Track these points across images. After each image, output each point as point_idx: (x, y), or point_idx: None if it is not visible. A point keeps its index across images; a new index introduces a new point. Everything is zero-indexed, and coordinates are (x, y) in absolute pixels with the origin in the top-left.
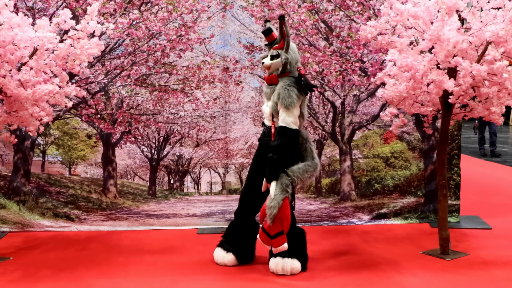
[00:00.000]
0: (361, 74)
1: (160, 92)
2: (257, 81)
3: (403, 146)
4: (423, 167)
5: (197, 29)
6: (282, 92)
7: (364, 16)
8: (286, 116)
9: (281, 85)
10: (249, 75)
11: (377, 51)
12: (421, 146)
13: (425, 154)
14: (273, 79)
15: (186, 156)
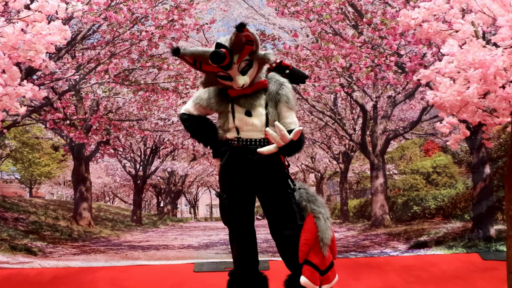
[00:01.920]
0: (397, 70)
1: (147, 92)
2: None
3: (448, 159)
4: (471, 184)
5: (194, 13)
6: (286, 92)
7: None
8: (294, 117)
9: (277, 84)
10: None
11: (417, 43)
12: (469, 159)
13: (474, 169)
14: (261, 85)
15: (180, 173)
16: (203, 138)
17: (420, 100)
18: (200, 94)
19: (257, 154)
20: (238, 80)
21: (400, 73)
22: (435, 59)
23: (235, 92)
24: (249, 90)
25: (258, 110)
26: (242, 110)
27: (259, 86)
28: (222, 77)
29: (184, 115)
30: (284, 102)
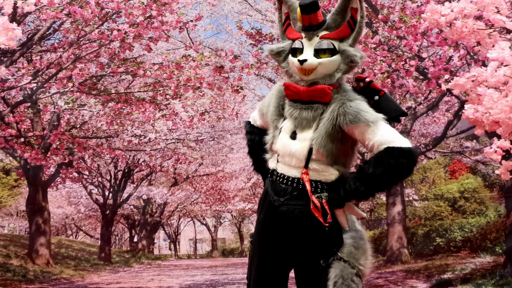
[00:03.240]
0: (419, 76)
1: (119, 103)
2: (267, 86)
3: (477, 182)
4: (504, 211)
5: (176, 8)
6: (353, 108)
7: None
8: (385, 131)
9: (342, 101)
10: (254, 77)
11: (441, 44)
12: (502, 182)
13: (507, 193)
14: (321, 92)
15: (158, 201)
16: (254, 160)
17: (445, 112)
18: (267, 97)
19: (286, 200)
20: (304, 54)
21: (421, 80)
22: (462, 63)
23: (289, 89)
24: (304, 93)
25: (304, 132)
26: (289, 128)
27: (319, 93)
28: (293, 50)
29: (247, 124)
30: (353, 122)
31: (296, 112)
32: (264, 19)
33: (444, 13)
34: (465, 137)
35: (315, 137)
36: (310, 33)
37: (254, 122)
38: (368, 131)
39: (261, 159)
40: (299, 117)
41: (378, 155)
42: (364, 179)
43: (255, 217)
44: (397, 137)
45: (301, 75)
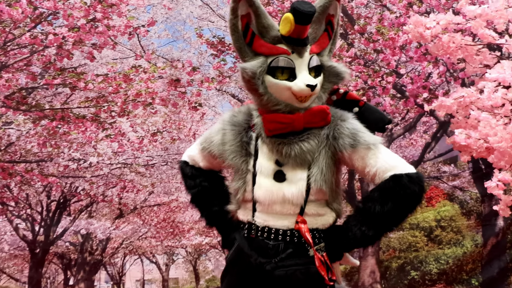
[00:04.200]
0: (396, 94)
1: (54, 121)
2: (229, 103)
3: (454, 210)
4: (481, 241)
5: (125, 10)
6: (348, 128)
7: (403, 1)
8: (387, 155)
9: (338, 124)
10: (216, 92)
11: (420, 59)
12: (480, 209)
13: (484, 221)
14: (320, 114)
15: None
16: (207, 212)
17: (422, 134)
18: (211, 132)
19: (281, 261)
20: (303, 75)
21: (399, 98)
22: (442, 80)
23: (275, 122)
24: (300, 122)
25: (297, 170)
26: (271, 169)
27: (318, 116)
28: (272, 70)
29: (184, 164)
30: (353, 146)
31: (285, 148)
32: (228, 26)
33: (429, 25)
34: (443, 161)
35: (315, 173)
36: (300, 47)
37: (194, 163)
38: (368, 156)
39: (216, 209)
40: (293, 153)
41: (384, 186)
42: (371, 220)
43: (213, 252)
44: (400, 161)
45: (296, 103)
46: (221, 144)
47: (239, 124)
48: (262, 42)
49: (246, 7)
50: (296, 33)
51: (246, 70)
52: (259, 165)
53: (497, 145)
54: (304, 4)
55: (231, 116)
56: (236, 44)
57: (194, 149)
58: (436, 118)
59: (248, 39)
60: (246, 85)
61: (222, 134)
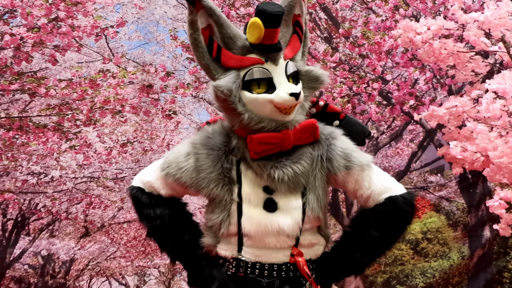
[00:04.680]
0: (382, 101)
1: (10, 131)
2: (206, 110)
3: (441, 221)
4: (467, 253)
5: (92, 9)
6: (340, 147)
7: (389, 4)
8: (380, 176)
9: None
10: (192, 99)
11: (407, 65)
12: (466, 220)
13: (471, 232)
14: (310, 129)
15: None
16: (172, 244)
17: (409, 143)
18: (178, 156)
19: None
20: (287, 87)
21: (384, 105)
22: (428, 87)
23: (263, 143)
24: (290, 140)
25: (291, 197)
26: (260, 198)
27: (308, 131)
28: (247, 84)
29: (139, 192)
30: (348, 167)
31: (277, 172)
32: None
33: (419, 31)
34: (429, 171)
35: (311, 200)
36: (274, 54)
37: (152, 190)
38: (362, 178)
39: (183, 241)
40: (286, 177)
41: (381, 210)
42: (367, 246)
43: None
44: (393, 182)
45: (280, 116)
46: (195, 172)
47: (216, 147)
48: (230, 55)
49: (206, 18)
50: (267, 38)
51: (221, 88)
52: (245, 193)
53: (498, 161)
54: (270, 5)
55: (205, 138)
56: (202, 61)
57: (152, 174)
58: (423, 126)
59: (214, 53)
60: (222, 105)
61: (195, 159)
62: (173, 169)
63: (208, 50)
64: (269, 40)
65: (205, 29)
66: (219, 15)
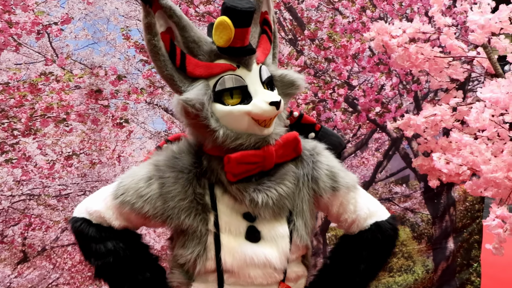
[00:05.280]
0: (347, 108)
1: None
2: (161, 118)
3: (406, 234)
4: (432, 266)
5: (33, 3)
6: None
7: (356, 5)
8: (366, 198)
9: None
10: (146, 106)
11: (373, 70)
12: (431, 232)
13: (435, 245)
14: (292, 143)
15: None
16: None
17: (374, 152)
18: (136, 181)
19: None
20: (265, 96)
21: (350, 112)
22: (395, 93)
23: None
24: (272, 156)
25: (275, 223)
26: (241, 227)
27: (291, 145)
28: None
29: (85, 224)
30: (335, 189)
31: (261, 195)
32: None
33: (394, 34)
34: (394, 181)
35: (299, 227)
36: (247, 58)
37: (102, 221)
38: (348, 200)
39: (143, 278)
40: (271, 201)
41: (367, 238)
42: (354, 281)
43: None
44: (378, 205)
45: (258, 130)
46: (161, 200)
47: (186, 169)
48: (196, 62)
49: (165, 20)
50: (238, 40)
51: (192, 102)
52: (224, 223)
53: (492, 175)
54: (238, 0)
55: (170, 158)
56: (165, 71)
57: (101, 202)
58: (388, 135)
59: (178, 61)
60: (192, 122)
61: (159, 184)
62: (130, 197)
63: (170, 58)
64: (240, 42)
65: (165, 33)
66: (180, 16)
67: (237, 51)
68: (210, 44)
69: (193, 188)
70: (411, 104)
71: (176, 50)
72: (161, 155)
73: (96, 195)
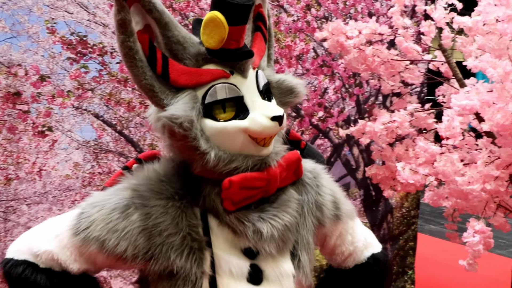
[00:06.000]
0: (291, 113)
1: None
2: (91, 126)
3: None
4: None
5: None
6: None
7: (301, 2)
8: (362, 228)
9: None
10: (73, 111)
11: (317, 72)
12: None
13: None
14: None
15: None
16: None
17: None
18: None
19: None
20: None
21: (294, 117)
22: (337, 97)
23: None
24: (276, 179)
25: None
26: (243, 267)
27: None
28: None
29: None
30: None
31: (266, 226)
32: (93, 20)
33: (350, 34)
34: None
35: (304, 261)
36: (243, 63)
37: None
38: (346, 230)
39: None
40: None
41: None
42: None
43: None
44: (371, 233)
45: (255, 150)
46: (143, 235)
47: (177, 195)
48: (182, 68)
49: (143, 15)
50: (232, 40)
51: (179, 121)
52: (222, 262)
53: (470, 188)
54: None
55: (155, 181)
56: (143, 81)
57: (53, 240)
58: (330, 141)
59: (159, 67)
60: (179, 144)
61: (141, 215)
62: (99, 232)
63: (149, 63)
64: (235, 42)
65: (142, 32)
66: (161, 11)
67: (231, 54)
68: (198, 45)
69: (187, 219)
70: (353, 109)
71: (157, 53)
72: (139, 177)
73: (43, 229)
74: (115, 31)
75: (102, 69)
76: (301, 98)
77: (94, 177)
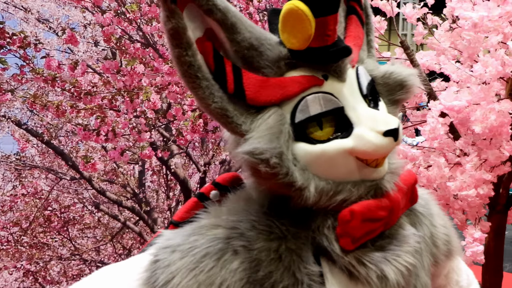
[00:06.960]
0: None
1: None
2: (11, 136)
3: None
4: None
5: None
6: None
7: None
8: (464, 265)
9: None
10: None
11: None
12: None
13: None
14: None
15: None
16: None
17: None
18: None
19: None
20: (377, 121)
21: None
22: None
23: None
24: (397, 211)
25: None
26: None
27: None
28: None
29: None
30: (448, 255)
31: (392, 269)
32: (11, 2)
33: None
34: None
35: None
36: (339, 64)
37: None
38: (453, 268)
39: None
40: (401, 279)
41: None
42: None
43: None
44: (469, 269)
45: (364, 174)
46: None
47: (289, 233)
48: (259, 80)
49: (201, 19)
50: (321, 35)
51: (263, 156)
52: None
53: (465, 193)
54: None
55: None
56: (212, 105)
57: None
58: None
59: (231, 84)
60: (267, 183)
61: (244, 263)
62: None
63: (217, 79)
64: (325, 38)
65: (203, 40)
66: (224, 9)
67: (322, 54)
68: (277, 46)
69: (305, 266)
70: None
71: (225, 65)
72: (231, 209)
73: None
74: (168, 44)
75: (24, 65)
76: (414, 93)
77: (17, 200)
